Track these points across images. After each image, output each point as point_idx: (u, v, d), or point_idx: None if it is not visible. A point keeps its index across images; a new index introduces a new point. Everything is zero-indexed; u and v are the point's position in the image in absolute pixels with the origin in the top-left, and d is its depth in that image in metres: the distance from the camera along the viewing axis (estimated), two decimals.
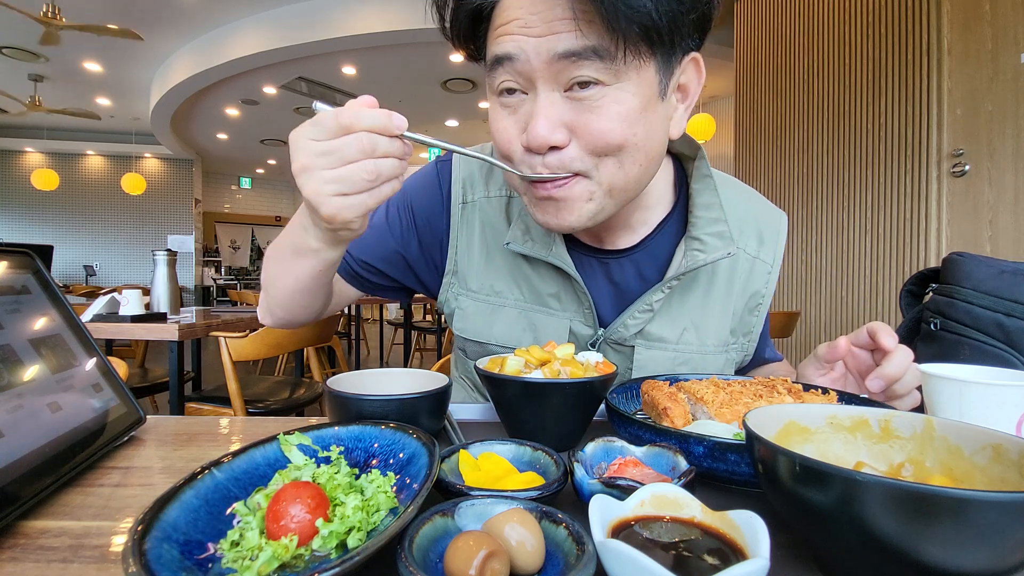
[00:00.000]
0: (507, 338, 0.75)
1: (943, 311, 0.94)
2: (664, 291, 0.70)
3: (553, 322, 0.73)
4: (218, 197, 12.62)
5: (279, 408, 2.01)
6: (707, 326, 0.75)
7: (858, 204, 2.95)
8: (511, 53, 0.52)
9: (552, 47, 0.50)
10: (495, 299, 0.75)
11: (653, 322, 0.72)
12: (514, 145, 0.57)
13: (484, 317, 0.76)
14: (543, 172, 0.55)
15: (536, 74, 0.52)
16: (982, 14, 2.44)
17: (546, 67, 0.51)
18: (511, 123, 0.56)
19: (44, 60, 6.74)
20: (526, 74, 0.53)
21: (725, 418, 0.51)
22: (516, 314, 0.74)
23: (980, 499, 0.24)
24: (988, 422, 0.42)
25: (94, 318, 1.90)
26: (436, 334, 5.29)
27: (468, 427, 0.64)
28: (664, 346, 0.73)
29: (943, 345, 0.92)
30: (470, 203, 0.76)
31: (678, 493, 0.33)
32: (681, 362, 0.74)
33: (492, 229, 0.75)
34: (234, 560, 0.30)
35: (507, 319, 0.75)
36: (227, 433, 0.61)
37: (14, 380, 0.44)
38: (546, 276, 0.73)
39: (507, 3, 0.53)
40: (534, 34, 0.51)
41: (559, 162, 0.55)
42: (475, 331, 0.76)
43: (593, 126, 0.53)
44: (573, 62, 0.50)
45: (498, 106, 0.58)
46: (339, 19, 5.55)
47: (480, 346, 0.77)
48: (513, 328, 0.74)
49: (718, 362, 0.77)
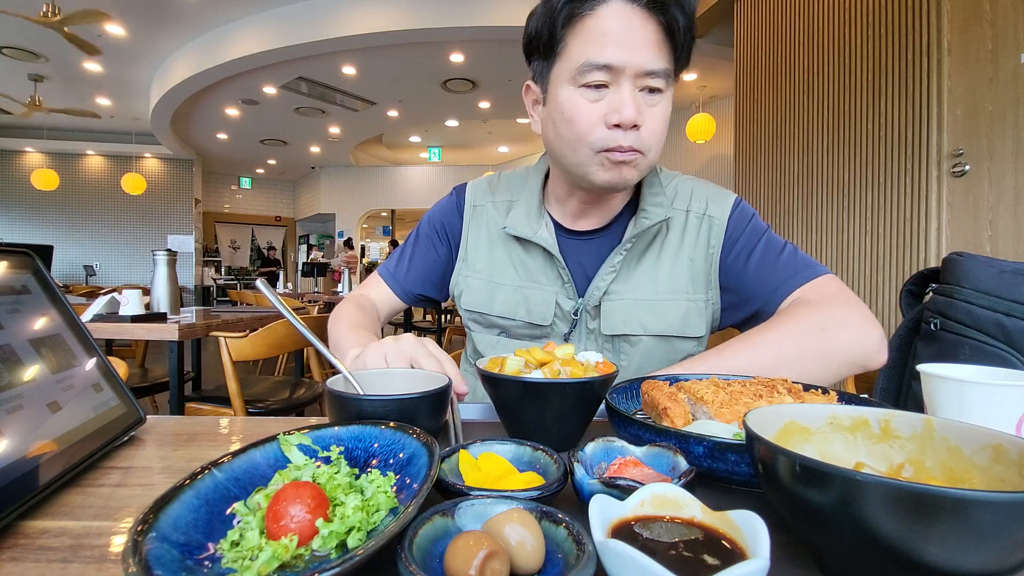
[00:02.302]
0: (504, 309, 0.91)
1: (943, 311, 0.94)
2: (622, 253, 0.85)
3: (541, 295, 0.88)
4: (218, 197, 12.63)
5: (279, 408, 2.01)
6: (659, 277, 0.86)
7: (858, 204, 2.95)
8: (612, 63, 0.70)
9: (643, 64, 0.70)
10: (496, 278, 0.92)
11: (616, 282, 0.86)
12: (597, 125, 0.73)
13: (487, 293, 0.92)
14: (622, 144, 0.73)
15: (625, 78, 0.71)
16: (982, 14, 2.44)
17: (634, 75, 0.71)
18: (595, 108, 0.73)
19: (44, 60, 6.74)
20: (616, 77, 0.71)
21: (725, 418, 0.50)
22: (512, 291, 0.90)
23: (980, 499, 0.24)
24: (988, 422, 0.42)
25: (94, 318, 1.90)
26: (436, 334, 5.29)
27: (468, 427, 0.64)
28: (623, 297, 0.86)
29: (943, 345, 0.92)
30: (479, 206, 0.97)
31: (678, 493, 0.32)
32: (642, 310, 0.85)
33: (495, 226, 0.94)
34: (234, 560, 0.30)
35: (505, 295, 0.91)
36: (227, 433, 0.61)
37: (14, 380, 0.44)
38: (535, 256, 0.90)
39: (606, 14, 0.70)
40: (629, 49, 0.70)
41: (635, 139, 0.72)
42: (479, 304, 0.93)
43: (652, 121, 0.73)
44: (650, 76, 0.71)
45: (580, 96, 0.73)
46: (339, 19, 5.55)
47: (483, 317, 0.93)
48: (509, 302, 0.90)
49: (679, 310, 0.86)
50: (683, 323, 0.85)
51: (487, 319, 0.93)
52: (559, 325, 0.89)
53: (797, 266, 0.83)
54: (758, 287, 0.84)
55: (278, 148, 10.47)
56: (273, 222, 13.60)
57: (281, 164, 11.97)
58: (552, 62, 0.76)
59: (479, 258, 0.95)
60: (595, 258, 0.89)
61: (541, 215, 0.91)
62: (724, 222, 0.87)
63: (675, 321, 0.85)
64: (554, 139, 0.79)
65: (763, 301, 0.84)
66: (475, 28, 5.34)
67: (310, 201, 13.09)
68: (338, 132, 9.39)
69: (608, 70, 0.70)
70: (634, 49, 0.69)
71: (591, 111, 0.73)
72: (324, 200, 12.50)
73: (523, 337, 0.92)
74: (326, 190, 12.47)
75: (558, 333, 0.90)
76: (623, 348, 0.87)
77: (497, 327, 0.93)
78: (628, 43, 0.69)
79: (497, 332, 0.94)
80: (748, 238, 0.86)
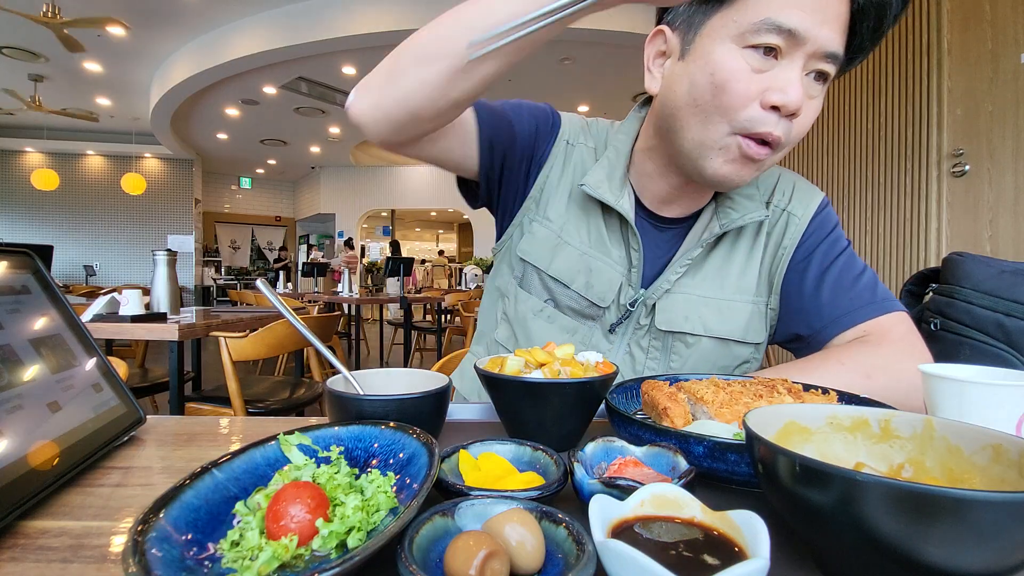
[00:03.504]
0: (562, 272, 0.78)
1: (943, 311, 0.94)
2: (701, 247, 0.75)
3: (608, 272, 0.77)
4: (218, 197, 12.63)
5: (279, 408, 2.01)
6: (730, 273, 0.77)
7: (858, 204, 2.95)
8: (796, 29, 0.57)
9: (827, 43, 0.59)
10: (563, 235, 0.79)
11: (684, 275, 0.76)
12: (753, 100, 0.60)
13: (549, 247, 0.79)
14: (772, 132, 0.61)
15: (801, 53, 0.59)
16: (982, 14, 2.44)
17: (812, 53, 0.59)
18: (756, 80, 0.60)
19: (44, 60, 6.75)
20: (792, 48, 0.59)
21: (725, 418, 0.50)
22: (577, 255, 0.78)
23: (980, 499, 0.24)
24: (988, 422, 0.42)
25: (94, 318, 1.90)
26: (436, 334, 5.29)
27: (468, 427, 0.64)
28: (687, 292, 0.76)
29: (943, 345, 0.92)
30: (571, 144, 0.82)
31: (678, 493, 0.32)
32: (706, 307, 0.76)
33: (581, 173, 0.80)
34: (234, 560, 0.30)
35: (568, 256, 0.78)
36: (227, 433, 0.61)
37: (14, 380, 0.44)
38: (612, 228, 0.78)
39: None
40: (819, 19, 0.57)
41: (785, 129, 0.61)
42: (538, 256, 0.80)
43: (807, 114, 0.62)
44: (827, 59, 0.60)
45: (742, 59, 0.60)
46: (339, 19, 5.55)
47: (537, 274, 0.80)
48: (571, 266, 0.78)
49: (744, 312, 0.77)
50: (746, 327, 0.77)
51: (539, 277, 0.80)
52: (609, 313, 0.78)
53: (872, 298, 0.73)
54: (820, 309, 0.74)
55: (278, 148, 10.47)
56: (273, 222, 13.61)
57: (281, 164, 11.97)
58: (716, 6, 0.62)
59: (553, 204, 0.80)
60: (666, 248, 0.79)
61: (624, 184, 0.77)
62: (805, 223, 0.77)
63: (740, 324, 0.76)
64: (683, 104, 0.65)
65: (820, 326, 0.74)
66: None
67: (310, 201, 13.10)
68: (338, 132, 9.39)
69: (789, 36, 0.58)
70: (822, 21, 0.58)
71: (751, 81, 0.60)
72: (324, 200, 12.50)
73: (570, 313, 0.80)
74: (326, 190, 12.47)
75: (605, 321, 0.79)
76: (677, 348, 0.77)
77: (547, 292, 0.80)
78: (818, 11, 0.57)
79: (545, 299, 0.80)
80: (827, 251, 0.76)
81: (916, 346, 0.69)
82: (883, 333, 0.70)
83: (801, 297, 0.77)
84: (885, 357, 0.66)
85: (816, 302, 0.75)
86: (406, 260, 5.53)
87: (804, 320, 0.76)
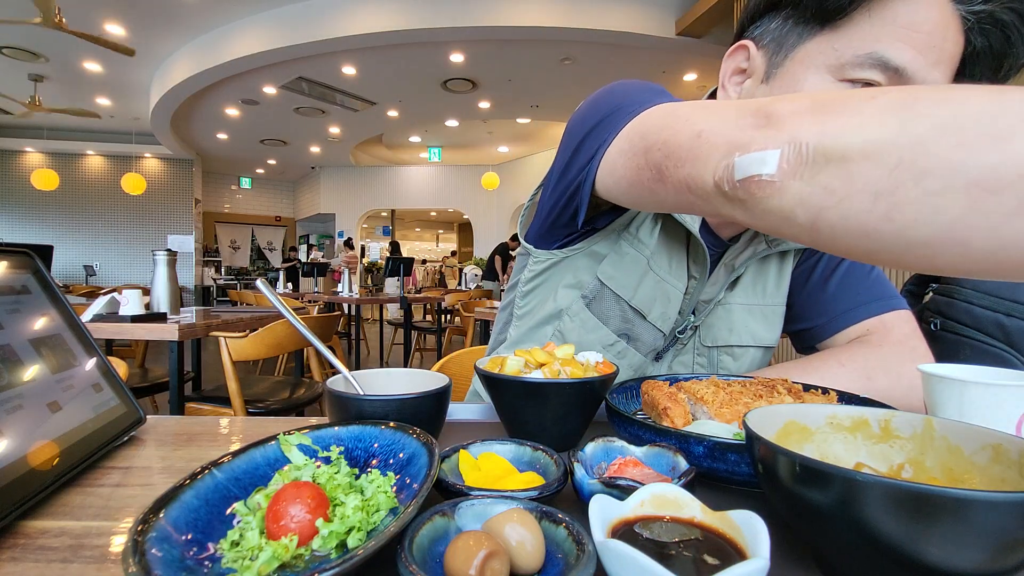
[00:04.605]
0: (643, 302, 0.71)
1: (943, 311, 0.94)
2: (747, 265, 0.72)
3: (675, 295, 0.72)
4: (218, 197, 12.63)
5: (279, 408, 2.01)
6: (768, 277, 0.76)
7: None
8: (906, 69, 0.50)
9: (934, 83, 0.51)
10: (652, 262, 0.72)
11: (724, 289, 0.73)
12: None
13: (638, 273, 0.71)
14: None
15: None
16: None
17: None
18: None
19: (44, 60, 6.74)
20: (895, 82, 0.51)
21: (725, 418, 0.51)
22: (655, 281, 0.71)
23: (980, 499, 0.24)
24: (988, 422, 0.42)
25: (94, 318, 1.90)
26: (436, 334, 5.30)
27: (468, 427, 0.64)
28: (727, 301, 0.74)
29: (943, 345, 0.92)
30: None
31: (678, 493, 0.33)
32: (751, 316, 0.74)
33: None
34: (234, 560, 0.30)
35: (650, 283, 0.71)
36: (227, 433, 0.61)
37: (14, 380, 0.44)
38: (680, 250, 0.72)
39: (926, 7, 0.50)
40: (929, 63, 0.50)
41: None
42: (622, 284, 0.71)
43: None
44: None
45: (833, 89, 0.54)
46: (339, 19, 5.55)
47: (618, 303, 0.71)
48: (652, 294, 0.71)
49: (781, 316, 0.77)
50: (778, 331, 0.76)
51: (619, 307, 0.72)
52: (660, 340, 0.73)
53: (879, 293, 0.72)
54: (825, 303, 0.74)
55: (278, 148, 10.47)
56: (273, 222, 13.61)
57: (281, 164, 11.97)
58: (815, 29, 0.55)
59: (645, 226, 0.71)
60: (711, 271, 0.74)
61: None
62: None
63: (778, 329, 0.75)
64: None
65: (824, 321, 0.73)
66: (475, 28, 5.34)
67: (310, 201, 13.10)
68: (338, 132, 9.39)
69: (895, 74, 0.51)
70: (935, 62, 0.51)
71: None
72: (324, 200, 12.50)
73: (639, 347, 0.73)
74: (326, 190, 12.47)
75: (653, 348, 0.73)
76: (724, 362, 0.74)
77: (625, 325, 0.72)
78: (932, 50, 0.50)
79: (620, 332, 0.72)
80: None
81: (918, 349, 0.67)
82: (886, 332, 0.69)
83: (809, 291, 0.76)
84: (885, 358, 0.65)
85: (822, 296, 0.74)
86: (406, 260, 5.53)
87: (809, 314, 0.76)
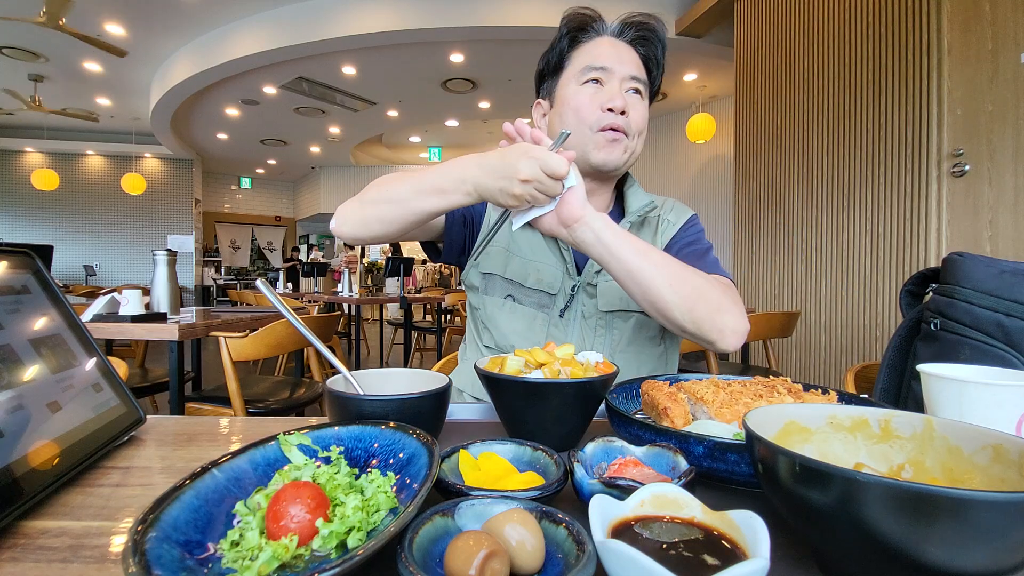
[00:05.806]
0: (517, 274, 1.00)
1: (943, 311, 0.94)
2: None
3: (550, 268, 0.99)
4: (218, 197, 12.62)
5: (279, 408, 2.00)
6: None
7: (858, 204, 2.95)
8: (605, 65, 0.94)
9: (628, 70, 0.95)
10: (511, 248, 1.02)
11: None
12: (595, 109, 0.93)
13: (502, 259, 1.02)
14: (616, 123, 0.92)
15: (615, 78, 0.94)
16: (982, 14, 2.44)
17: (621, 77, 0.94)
18: (593, 99, 0.94)
19: (44, 60, 6.74)
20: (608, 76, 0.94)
21: (725, 418, 0.51)
22: (524, 262, 1.00)
23: (980, 499, 0.24)
24: (988, 422, 0.42)
25: (94, 318, 1.90)
26: (436, 334, 5.29)
27: (468, 427, 0.64)
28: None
29: (943, 345, 0.92)
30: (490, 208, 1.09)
31: (678, 493, 0.32)
32: None
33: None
34: (234, 560, 0.30)
35: (518, 264, 1.00)
36: (227, 433, 0.61)
37: (14, 380, 0.44)
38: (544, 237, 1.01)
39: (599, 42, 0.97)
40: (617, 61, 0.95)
41: (624, 122, 0.93)
42: (494, 266, 1.02)
43: (635, 112, 0.95)
44: (633, 80, 0.95)
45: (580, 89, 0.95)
46: (339, 19, 5.54)
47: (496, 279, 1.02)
48: (522, 270, 0.99)
49: None
50: None
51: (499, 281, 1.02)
52: (558, 300, 1.00)
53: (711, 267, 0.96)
54: None
55: (278, 148, 10.46)
56: (273, 222, 13.60)
57: (281, 164, 11.96)
58: (559, 76, 0.99)
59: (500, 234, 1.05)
60: None
61: None
62: (677, 227, 1.07)
63: None
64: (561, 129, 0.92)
65: None
66: (475, 28, 5.33)
67: (310, 201, 13.09)
68: (338, 132, 9.38)
69: (603, 70, 0.95)
70: (620, 62, 0.95)
71: (591, 99, 0.95)
72: (324, 200, 12.49)
73: (529, 304, 1.00)
74: (326, 190, 12.46)
75: (556, 308, 1.00)
76: (616, 324, 0.99)
77: (507, 289, 1.02)
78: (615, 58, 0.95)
79: (505, 295, 1.02)
80: (687, 241, 1.03)
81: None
82: None
83: None
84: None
85: None
86: (406, 260, 5.53)
87: None
